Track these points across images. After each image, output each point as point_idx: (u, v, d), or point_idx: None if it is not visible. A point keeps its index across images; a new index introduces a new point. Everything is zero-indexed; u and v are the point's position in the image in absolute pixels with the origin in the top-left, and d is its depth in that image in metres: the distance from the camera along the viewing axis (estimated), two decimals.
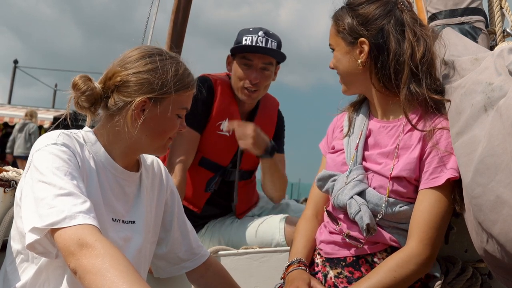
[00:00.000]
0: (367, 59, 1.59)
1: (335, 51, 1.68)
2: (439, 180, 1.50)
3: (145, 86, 1.41)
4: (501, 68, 1.36)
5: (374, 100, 1.66)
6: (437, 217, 1.49)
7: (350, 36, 1.61)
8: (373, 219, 1.51)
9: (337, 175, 1.63)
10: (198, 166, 2.42)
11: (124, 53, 1.47)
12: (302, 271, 1.59)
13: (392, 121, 1.62)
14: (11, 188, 1.65)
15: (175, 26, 2.80)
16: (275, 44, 2.38)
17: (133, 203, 1.52)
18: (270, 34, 2.39)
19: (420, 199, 1.53)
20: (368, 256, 1.57)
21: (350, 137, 1.67)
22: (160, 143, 1.49)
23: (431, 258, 1.50)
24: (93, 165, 1.41)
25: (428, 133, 1.54)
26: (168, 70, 1.43)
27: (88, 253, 1.14)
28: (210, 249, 2.01)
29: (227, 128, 2.32)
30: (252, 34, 2.36)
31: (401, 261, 1.47)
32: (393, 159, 1.55)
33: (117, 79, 1.42)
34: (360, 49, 1.60)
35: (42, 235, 1.21)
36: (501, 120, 1.24)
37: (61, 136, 1.37)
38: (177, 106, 1.46)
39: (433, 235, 1.49)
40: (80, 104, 1.42)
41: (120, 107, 1.42)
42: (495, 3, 1.73)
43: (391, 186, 1.54)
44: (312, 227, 1.74)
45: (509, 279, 1.36)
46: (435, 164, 1.52)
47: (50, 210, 1.20)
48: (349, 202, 1.54)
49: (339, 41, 1.65)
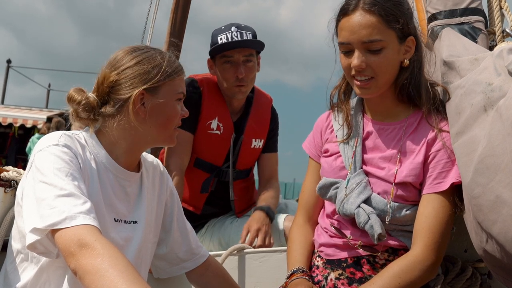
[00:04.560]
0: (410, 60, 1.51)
1: (384, 50, 1.46)
2: (444, 186, 1.48)
3: (138, 79, 1.43)
4: (501, 68, 1.37)
5: (374, 101, 1.61)
6: (441, 222, 1.47)
7: (401, 33, 1.47)
8: (383, 227, 1.48)
9: (339, 183, 1.59)
10: (193, 167, 2.42)
11: (109, 57, 1.50)
12: (305, 280, 1.58)
13: (391, 123, 1.59)
14: (11, 188, 1.64)
15: (174, 25, 2.80)
16: (250, 35, 2.37)
17: (135, 203, 1.52)
18: (243, 27, 2.37)
19: (423, 204, 1.50)
20: (370, 257, 1.56)
21: (346, 141, 1.62)
22: (167, 132, 1.51)
23: (436, 263, 1.48)
24: (95, 166, 1.41)
25: (432, 136, 1.52)
26: (155, 58, 1.46)
27: (88, 253, 1.14)
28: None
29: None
30: (225, 32, 2.35)
31: (405, 267, 1.45)
32: (396, 163, 1.53)
33: (109, 81, 1.43)
34: (407, 48, 1.50)
35: (42, 235, 1.22)
36: (501, 120, 1.25)
37: (63, 137, 1.38)
38: (173, 92, 1.49)
39: (438, 240, 1.47)
40: (80, 116, 1.44)
41: (119, 106, 1.44)
42: (495, 4, 1.74)
43: (395, 191, 1.51)
44: (307, 233, 1.72)
45: (509, 279, 1.37)
46: (440, 169, 1.49)
47: (51, 210, 1.20)
48: (357, 211, 1.51)
49: (391, 36, 1.45)
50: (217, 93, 2.44)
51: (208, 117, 2.40)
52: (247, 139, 2.47)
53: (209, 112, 2.40)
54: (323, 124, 1.75)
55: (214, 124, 2.40)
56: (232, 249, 2.05)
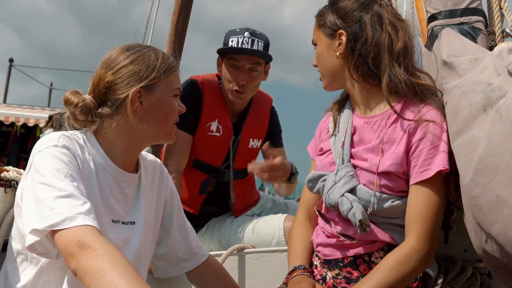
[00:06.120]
0: (345, 51, 1.60)
1: (317, 46, 1.70)
2: (429, 173, 1.49)
3: (134, 77, 1.43)
4: (501, 68, 1.36)
5: (355, 95, 1.66)
6: (432, 211, 1.48)
7: (329, 29, 1.64)
8: (365, 214, 1.50)
9: (327, 175, 1.62)
10: (192, 168, 2.42)
11: (103, 57, 1.50)
12: (306, 277, 1.59)
13: (375, 115, 1.61)
14: (11, 188, 1.65)
15: (176, 27, 2.80)
16: (262, 44, 2.38)
17: (133, 204, 1.52)
18: (256, 34, 2.38)
19: (413, 193, 1.51)
20: (366, 256, 1.57)
21: (336, 137, 1.67)
22: (166, 129, 1.51)
23: (431, 252, 1.49)
24: (93, 167, 1.42)
25: (414, 125, 1.52)
26: (149, 56, 1.47)
27: (88, 254, 1.14)
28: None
29: (251, 169, 2.10)
30: (238, 35, 2.36)
31: (401, 258, 1.46)
32: (378, 154, 1.55)
33: (105, 81, 1.43)
34: (339, 41, 1.62)
35: (42, 236, 1.22)
36: (501, 120, 1.24)
37: (62, 138, 1.38)
38: (170, 88, 1.50)
39: (431, 229, 1.48)
40: (77, 118, 1.44)
41: (117, 106, 1.44)
42: (495, 4, 1.73)
43: (379, 180, 1.53)
44: (308, 231, 1.73)
45: (509, 279, 1.36)
46: (423, 157, 1.50)
47: (50, 211, 1.21)
48: (340, 200, 1.53)
49: (320, 35, 1.68)
50: (218, 95, 2.44)
51: (208, 119, 2.40)
52: (245, 138, 2.47)
53: (209, 114, 2.39)
54: (323, 126, 1.80)
55: (214, 126, 2.40)
56: (232, 249, 2.05)
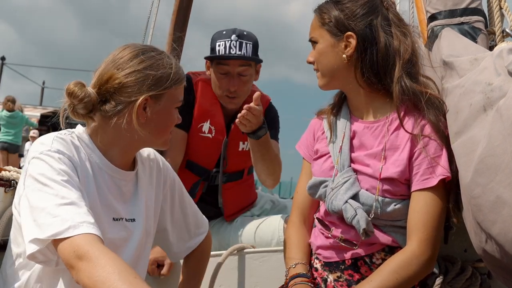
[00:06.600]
0: (353, 54, 1.57)
1: (318, 44, 1.64)
2: (432, 182, 1.49)
3: (146, 84, 1.40)
4: (501, 68, 1.36)
5: (356, 99, 1.64)
6: (434, 217, 1.49)
7: (336, 29, 1.59)
8: (369, 221, 1.49)
9: (328, 181, 1.61)
10: (185, 169, 2.39)
11: (113, 53, 1.45)
12: (307, 286, 1.56)
13: (375, 121, 1.60)
14: (11, 188, 1.65)
15: (176, 27, 2.79)
16: (250, 45, 2.29)
17: (132, 202, 1.51)
18: (244, 36, 2.30)
19: (414, 199, 1.52)
20: (367, 257, 1.56)
21: (335, 142, 1.64)
22: (164, 138, 1.50)
23: (433, 258, 1.49)
24: (89, 167, 1.40)
25: (417, 132, 1.52)
26: (164, 65, 1.44)
27: (85, 264, 1.13)
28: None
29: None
30: (225, 39, 2.28)
31: (402, 263, 1.46)
32: (381, 160, 1.54)
33: (115, 82, 1.39)
34: (346, 43, 1.58)
35: (43, 246, 1.20)
36: (501, 120, 1.24)
37: (55, 141, 1.35)
38: (175, 100, 1.48)
39: (432, 234, 1.48)
40: (77, 111, 1.40)
41: (121, 108, 1.40)
42: (495, 4, 1.73)
43: (382, 186, 1.53)
44: (304, 234, 1.71)
45: (509, 279, 1.37)
46: (426, 166, 1.51)
47: (53, 219, 1.19)
48: (344, 207, 1.52)
49: (324, 34, 1.62)
50: (212, 96, 2.38)
51: (200, 119, 2.35)
52: (234, 141, 2.41)
53: (201, 114, 2.35)
54: (316, 125, 1.77)
55: (206, 127, 2.35)
56: (232, 249, 2.05)
